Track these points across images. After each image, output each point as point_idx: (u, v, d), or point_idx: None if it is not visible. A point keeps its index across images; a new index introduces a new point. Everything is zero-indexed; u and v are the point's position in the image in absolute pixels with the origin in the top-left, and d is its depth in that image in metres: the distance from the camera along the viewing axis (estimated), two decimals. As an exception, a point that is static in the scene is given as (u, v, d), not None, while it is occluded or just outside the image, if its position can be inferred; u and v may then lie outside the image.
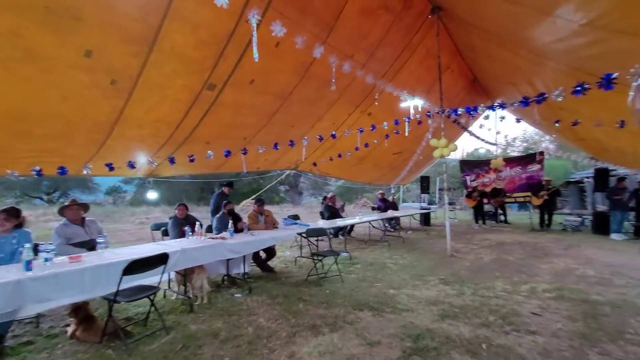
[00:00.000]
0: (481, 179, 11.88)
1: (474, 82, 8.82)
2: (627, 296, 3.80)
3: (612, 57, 3.28)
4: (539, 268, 5.09)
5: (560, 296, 3.83)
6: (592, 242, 7.22)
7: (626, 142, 6.70)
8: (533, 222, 9.57)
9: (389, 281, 4.63)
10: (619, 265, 5.16)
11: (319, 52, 3.21)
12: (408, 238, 8.41)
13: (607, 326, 3.05)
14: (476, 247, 6.92)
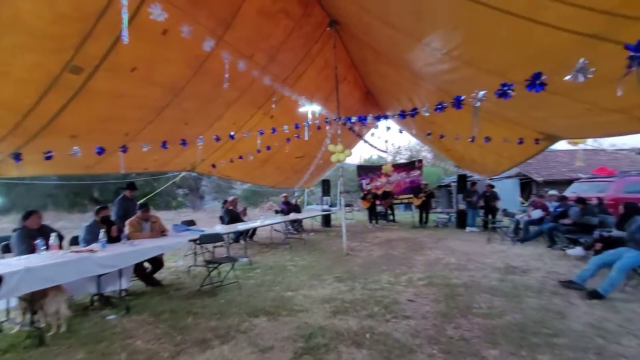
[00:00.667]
0: (374, 183, 13.15)
1: (368, 94, 9.73)
2: (475, 277, 4.70)
3: (464, 83, 4.01)
4: (416, 260, 5.87)
5: (430, 283, 4.49)
6: (455, 235, 8.74)
7: (476, 154, 8.36)
8: (414, 220, 11.06)
9: (288, 283, 4.65)
10: (472, 253, 6.36)
11: (209, 45, 3.01)
12: (309, 239, 8.67)
13: (461, 304, 3.69)
14: (369, 245, 7.58)
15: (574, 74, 1.78)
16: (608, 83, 2.47)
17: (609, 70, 2.29)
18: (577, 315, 3.35)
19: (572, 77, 1.78)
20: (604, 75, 2.39)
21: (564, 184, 13.71)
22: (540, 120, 4.59)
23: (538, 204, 8.13)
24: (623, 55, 1.83)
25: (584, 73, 1.73)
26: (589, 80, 2.62)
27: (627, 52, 1.78)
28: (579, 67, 1.74)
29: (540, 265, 5.36)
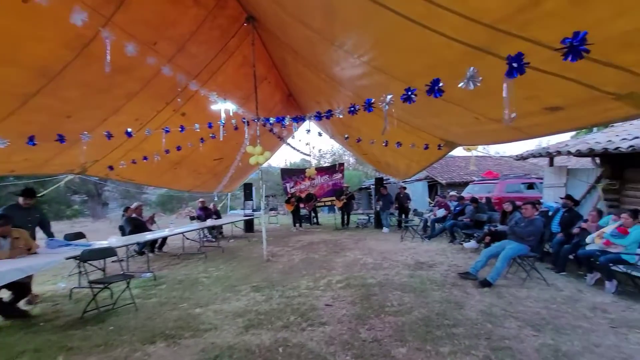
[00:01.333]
0: (299, 186, 13.13)
1: (290, 97, 9.64)
2: (389, 276, 4.92)
3: (377, 88, 4.13)
4: (336, 262, 5.93)
5: (348, 284, 4.53)
6: (373, 235, 9.20)
7: (390, 158, 8.94)
8: (336, 222, 11.34)
9: (198, 298, 4.19)
10: (387, 252, 6.71)
11: (80, 19, 2.47)
12: (228, 247, 8.14)
13: (375, 304, 3.78)
14: (290, 249, 7.43)
15: (465, 81, 1.88)
16: (492, 94, 2.76)
17: (493, 82, 2.54)
18: (471, 304, 3.71)
19: (464, 85, 1.89)
20: (489, 86, 2.65)
21: (462, 186, 15.75)
22: (440, 128, 5.05)
23: (442, 203, 9.08)
24: (504, 68, 2.00)
25: (473, 81, 1.84)
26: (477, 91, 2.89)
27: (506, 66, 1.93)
28: (469, 75, 1.85)
29: (443, 260, 5.91)
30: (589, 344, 2.79)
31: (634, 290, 4.27)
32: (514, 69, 1.66)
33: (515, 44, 1.94)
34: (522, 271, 4.77)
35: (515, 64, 1.66)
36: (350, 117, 7.09)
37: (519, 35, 1.87)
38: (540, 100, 2.50)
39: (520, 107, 2.89)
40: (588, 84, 2.06)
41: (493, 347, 2.73)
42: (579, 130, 4.28)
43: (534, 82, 2.27)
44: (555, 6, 1.62)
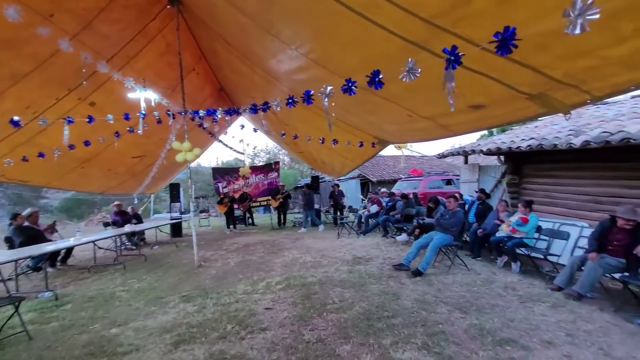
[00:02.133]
0: (232, 186, 12.50)
1: (221, 91, 9.07)
2: (329, 273, 4.91)
3: (315, 83, 4.05)
4: (274, 263, 5.72)
5: (288, 285, 4.38)
6: (311, 234, 9.20)
7: (326, 156, 9.05)
8: (273, 222, 11.08)
9: (114, 316, 3.61)
10: (325, 249, 6.74)
11: None
12: (153, 254, 7.30)
13: (316, 302, 3.71)
14: (225, 253, 6.97)
15: (405, 73, 1.88)
16: (425, 91, 2.89)
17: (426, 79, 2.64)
18: (407, 294, 3.88)
19: (404, 76, 1.89)
20: (422, 83, 2.76)
21: (392, 183, 16.83)
22: (374, 126, 5.23)
23: (374, 200, 9.50)
24: (437, 65, 2.07)
25: (413, 73, 1.85)
26: (411, 87, 2.99)
27: (439, 62, 2.00)
28: (409, 67, 1.86)
29: (378, 253, 6.14)
30: (505, 319, 3.12)
31: (533, 269, 4.97)
32: (452, 62, 1.72)
33: (448, 41, 2.02)
34: (447, 259, 5.19)
35: (452, 56, 1.71)
36: (287, 114, 6.94)
37: (452, 32, 1.95)
38: (465, 98, 2.69)
39: (448, 105, 3.11)
40: (507, 84, 2.26)
41: (429, 333, 2.87)
42: (497, 128, 4.81)
43: (460, 81, 2.41)
44: (484, 5, 1.71)
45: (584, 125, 5.20)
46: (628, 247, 3.78)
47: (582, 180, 5.55)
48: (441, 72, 2.13)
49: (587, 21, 1.24)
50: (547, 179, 6.24)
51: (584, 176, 5.50)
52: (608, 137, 4.23)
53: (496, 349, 2.59)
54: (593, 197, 5.35)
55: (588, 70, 1.87)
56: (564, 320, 3.11)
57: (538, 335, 2.80)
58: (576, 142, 4.58)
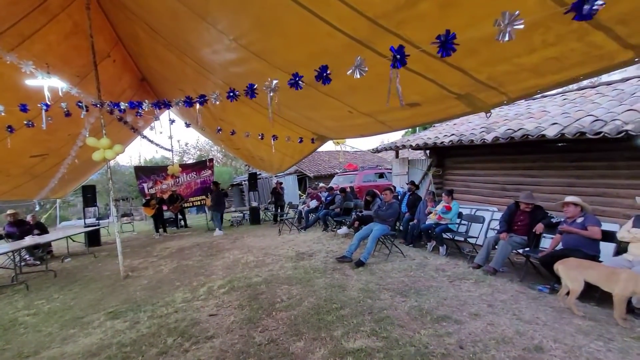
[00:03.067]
0: (159, 186, 11.46)
1: (143, 82, 8.19)
2: (274, 271, 4.83)
3: (254, 77, 3.90)
4: (214, 266, 5.42)
5: (232, 288, 4.19)
6: (251, 232, 8.94)
7: (264, 152, 8.86)
8: (208, 223, 10.47)
9: (19, 347, 3.03)
10: (267, 247, 6.62)
11: None
12: (64, 268, 6.30)
13: (264, 303, 3.62)
14: (156, 259, 6.37)
15: (353, 68, 1.92)
16: (366, 88, 3.00)
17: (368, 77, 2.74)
18: (352, 285, 4.03)
19: (352, 71, 1.93)
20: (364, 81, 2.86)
21: (328, 178, 17.27)
22: (314, 122, 5.28)
23: (313, 195, 9.64)
24: (379, 63, 2.15)
25: (360, 69, 1.90)
26: (353, 84, 3.07)
27: (381, 60, 2.08)
28: (357, 64, 1.90)
29: (320, 247, 6.25)
30: (439, 298, 3.45)
31: (456, 251, 5.60)
32: (397, 60, 1.80)
33: (391, 41, 2.12)
34: (384, 248, 5.53)
35: (398, 55, 1.80)
36: (223, 110, 6.60)
37: (395, 33, 2.05)
38: (403, 96, 2.87)
39: (389, 102, 3.28)
40: (440, 84, 2.47)
41: (376, 319, 3.02)
42: (430, 124, 5.21)
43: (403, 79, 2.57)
44: (426, 10, 1.83)
45: (492, 123, 6.00)
46: (528, 226, 4.50)
47: (491, 171, 6.40)
48: (382, 71, 2.23)
49: (514, 30, 1.41)
50: (464, 170, 7.06)
51: (493, 167, 6.35)
52: (512, 134, 4.94)
53: (435, 326, 2.85)
54: (500, 185, 6.22)
55: (506, 75, 2.15)
56: (484, 293, 3.56)
57: (467, 309, 3.16)
58: (488, 137, 5.26)
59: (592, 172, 4.77)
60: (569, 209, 3.97)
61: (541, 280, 4.14)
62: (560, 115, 4.88)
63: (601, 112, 4.32)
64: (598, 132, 3.84)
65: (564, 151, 5.08)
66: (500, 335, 2.62)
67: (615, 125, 3.78)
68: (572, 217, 3.97)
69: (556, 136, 4.27)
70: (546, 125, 4.67)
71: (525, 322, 2.87)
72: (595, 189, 4.68)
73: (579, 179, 4.92)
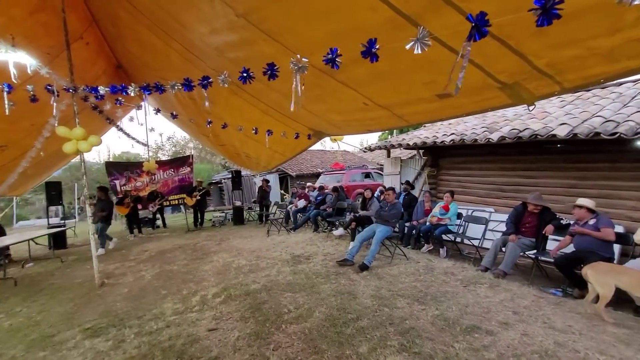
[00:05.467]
0: (134, 183, 10.64)
1: (119, 69, 7.48)
2: (271, 276, 4.44)
3: (256, 63, 3.48)
4: (204, 271, 4.93)
5: (228, 297, 3.76)
6: (236, 233, 8.43)
7: (251, 149, 8.38)
8: (188, 223, 9.82)
9: (-27, 377, 2.47)
10: (258, 249, 6.19)
11: None
12: (27, 275, 5.55)
13: (270, 314, 3.24)
14: (134, 264, 5.75)
15: (413, 42, 1.61)
16: (392, 77, 2.70)
17: (398, 62, 2.43)
18: (362, 291, 3.73)
19: (412, 45, 1.62)
20: (393, 67, 2.55)
21: (310, 177, 16.94)
22: (316, 116, 4.92)
23: (301, 194, 9.27)
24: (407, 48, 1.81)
25: (423, 42, 1.59)
26: (378, 72, 2.76)
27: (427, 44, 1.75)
28: (420, 35, 1.59)
29: (316, 249, 5.91)
30: (461, 306, 3.23)
31: (456, 253, 5.47)
32: (476, 32, 1.51)
33: (447, 17, 1.83)
34: (384, 250, 5.29)
35: (479, 23, 1.50)
36: (213, 101, 6.06)
37: (456, 5, 1.76)
38: (436, 85, 2.61)
39: (416, 93, 3.00)
40: (487, 71, 2.22)
41: (400, 332, 2.74)
42: (453, 119, 4.89)
43: (439, 65, 2.28)
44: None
45: (492, 124, 5.93)
46: (536, 228, 4.41)
47: (488, 172, 6.34)
48: (420, 56, 1.95)
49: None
50: (460, 171, 6.98)
51: (491, 168, 6.30)
52: (518, 134, 4.85)
53: (467, 338, 2.61)
54: (497, 186, 6.17)
55: (571, 60, 1.93)
56: (505, 299, 3.38)
57: (494, 318, 2.95)
58: (493, 137, 5.15)
59: (594, 174, 4.78)
60: (577, 212, 3.89)
61: (550, 283, 4.06)
62: (565, 116, 4.85)
63: (609, 114, 4.31)
64: (613, 132, 3.79)
65: (565, 152, 5.07)
66: (541, 348, 2.42)
67: (630, 126, 3.74)
68: (581, 219, 3.90)
69: (568, 136, 4.20)
70: (553, 125, 4.61)
71: (559, 330, 2.69)
72: (598, 190, 4.68)
73: (581, 181, 4.91)
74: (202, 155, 25.91)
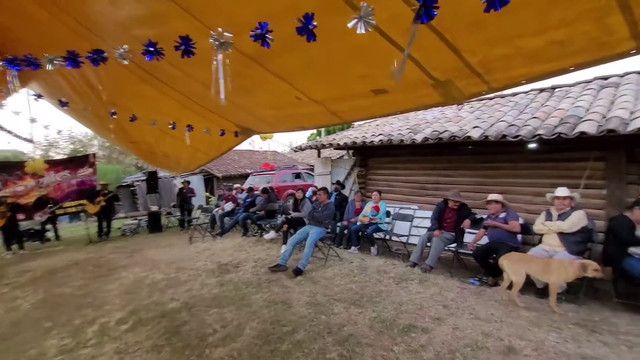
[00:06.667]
0: (12, 188, 8.62)
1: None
2: (194, 291, 3.90)
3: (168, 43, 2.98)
4: (107, 291, 4.10)
5: (138, 322, 3.13)
6: (152, 242, 7.41)
7: (170, 147, 7.46)
8: (90, 234, 8.30)
9: None
10: (178, 260, 5.48)
11: None
12: None
13: (190, 337, 2.77)
14: (8, 290, 4.52)
15: (355, 20, 1.42)
16: (335, 67, 2.52)
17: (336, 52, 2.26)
18: (296, 299, 3.49)
19: (354, 24, 1.42)
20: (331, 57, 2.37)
21: (238, 178, 16.12)
22: (244, 110, 4.50)
23: (228, 197, 8.65)
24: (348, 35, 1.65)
25: (367, 21, 1.41)
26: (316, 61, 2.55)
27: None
28: (363, 13, 1.40)
29: (245, 256, 5.48)
30: (396, 305, 3.22)
31: (386, 250, 5.63)
32: (423, 12, 1.37)
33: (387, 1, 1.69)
34: (317, 251, 5.15)
35: (428, 3, 1.36)
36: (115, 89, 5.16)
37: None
38: (372, 80, 2.50)
39: (351, 88, 2.86)
40: (423, 67, 2.17)
41: (339, 341, 2.57)
42: (386, 116, 4.89)
43: (375, 56, 2.17)
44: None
45: (415, 125, 6.28)
46: (456, 222, 4.75)
47: (412, 171, 6.72)
48: (360, 42, 1.81)
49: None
50: (387, 170, 7.26)
51: (414, 167, 6.68)
52: (440, 135, 5.18)
53: (404, 339, 2.57)
54: (420, 185, 6.56)
55: (500, 59, 1.98)
56: (434, 293, 3.50)
57: (426, 314, 3.00)
58: (418, 138, 5.42)
59: (499, 172, 5.37)
60: (492, 206, 4.30)
61: (468, 274, 4.39)
62: (476, 120, 5.35)
63: (510, 119, 4.86)
64: (516, 135, 4.26)
65: (476, 153, 5.61)
66: (472, 341, 2.49)
67: (528, 130, 4.24)
68: (495, 213, 4.31)
69: (481, 138, 4.61)
70: (468, 128, 5.03)
71: (484, 320, 2.84)
72: (502, 187, 5.26)
73: (489, 178, 5.47)
74: (112, 154, 22.69)
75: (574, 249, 3.52)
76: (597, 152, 4.27)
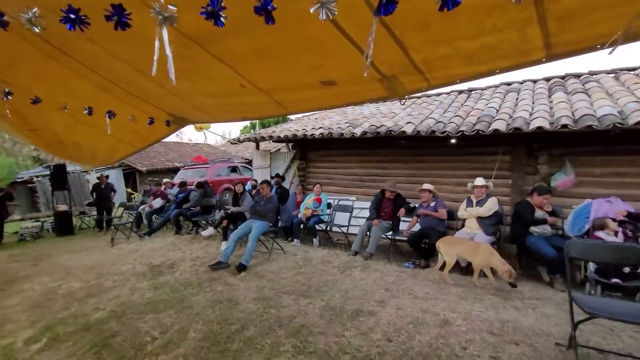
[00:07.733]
0: None
1: None
2: (123, 297, 3.49)
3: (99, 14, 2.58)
4: (7, 308, 3.40)
5: (55, 338, 2.68)
6: (62, 247, 6.39)
7: (84, 137, 6.48)
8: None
9: None
10: (99, 265, 4.83)
11: None
12: None
13: (124, 347, 2.47)
14: None
15: (317, 6, 1.39)
16: (284, 55, 2.45)
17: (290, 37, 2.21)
18: (243, 295, 3.37)
19: (316, 9, 1.39)
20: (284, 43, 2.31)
21: (165, 173, 14.83)
22: (179, 97, 4.12)
23: (157, 192, 7.92)
24: (315, 16, 1.67)
25: (329, 8, 1.39)
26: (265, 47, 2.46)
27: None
28: (324, 0, 1.37)
29: (181, 255, 5.09)
30: (342, 292, 3.33)
31: (328, 241, 5.78)
32: (382, 6, 1.40)
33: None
34: (259, 245, 5.04)
35: None
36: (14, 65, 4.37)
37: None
38: (323, 71, 2.50)
39: (301, 78, 2.81)
40: (372, 61, 2.25)
41: (292, 333, 2.56)
42: (330, 109, 4.78)
43: (329, 47, 2.18)
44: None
45: (353, 120, 6.52)
46: (392, 212, 5.10)
47: (350, 164, 6.98)
48: (311, 35, 1.83)
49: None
50: (326, 163, 7.42)
51: (352, 160, 6.94)
52: (377, 129, 5.47)
53: (354, 323, 2.67)
54: (358, 177, 6.86)
55: (441, 59, 2.15)
56: (376, 279, 3.72)
57: (371, 298, 3.17)
58: (357, 132, 5.63)
59: (427, 165, 5.90)
60: (425, 194, 4.71)
61: (404, 258, 4.76)
62: (408, 117, 5.78)
63: (437, 116, 5.37)
64: (443, 130, 4.71)
65: (408, 147, 6.07)
66: (413, 318, 2.71)
67: (452, 127, 4.73)
68: (426, 202, 4.73)
69: (413, 133, 4.99)
70: (402, 123, 5.40)
71: (421, 299, 3.11)
72: (431, 178, 5.78)
73: (419, 170, 5.98)
74: (3, 144, 18.84)
75: (490, 230, 4.08)
76: (504, 147, 4.98)
